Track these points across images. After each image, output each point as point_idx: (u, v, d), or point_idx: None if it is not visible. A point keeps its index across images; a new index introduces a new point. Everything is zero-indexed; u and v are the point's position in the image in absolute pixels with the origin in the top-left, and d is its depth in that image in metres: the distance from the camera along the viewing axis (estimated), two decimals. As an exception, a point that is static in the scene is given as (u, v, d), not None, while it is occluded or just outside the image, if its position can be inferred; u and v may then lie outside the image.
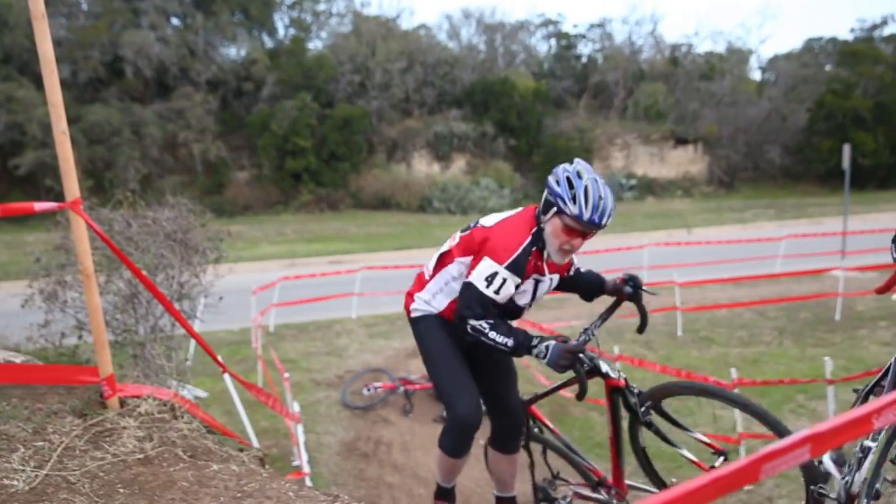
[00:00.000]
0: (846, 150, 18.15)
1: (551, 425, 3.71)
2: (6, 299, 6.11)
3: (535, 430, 3.67)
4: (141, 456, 2.78)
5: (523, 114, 38.03)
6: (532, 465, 3.73)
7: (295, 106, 34.54)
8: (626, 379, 3.08)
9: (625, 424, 3.20)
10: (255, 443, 4.96)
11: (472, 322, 2.83)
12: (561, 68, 43.63)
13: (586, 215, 2.74)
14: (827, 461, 2.77)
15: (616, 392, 3.07)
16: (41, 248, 6.13)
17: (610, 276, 3.38)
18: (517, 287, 2.90)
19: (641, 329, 3.24)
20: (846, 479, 2.66)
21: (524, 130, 38.20)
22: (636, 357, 8.58)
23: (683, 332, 11.90)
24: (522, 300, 3.02)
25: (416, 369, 9.41)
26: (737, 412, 6.80)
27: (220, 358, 4.19)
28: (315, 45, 41.46)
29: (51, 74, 2.80)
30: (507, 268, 2.80)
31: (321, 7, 42.20)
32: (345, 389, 9.22)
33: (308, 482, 6.12)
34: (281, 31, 41.60)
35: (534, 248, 2.90)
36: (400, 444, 7.85)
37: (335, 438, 8.12)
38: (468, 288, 2.85)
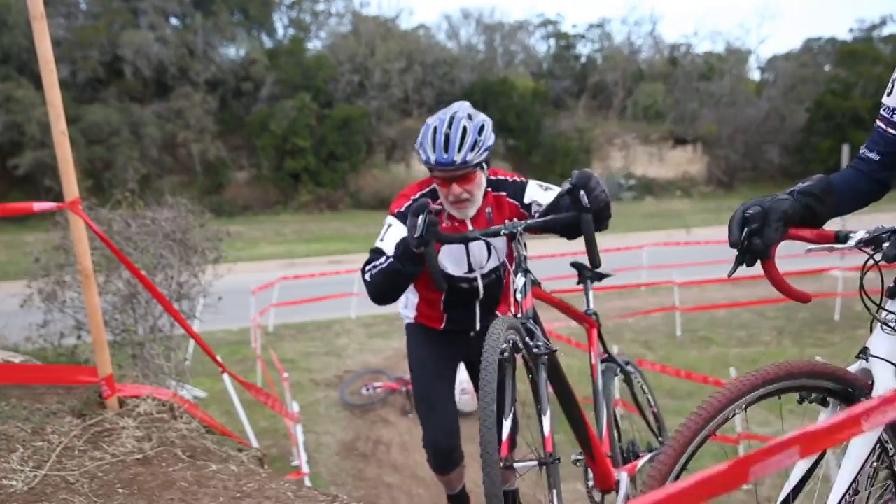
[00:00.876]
0: (845, 150, 18.22)
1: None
2: (5, 299, 6.10)
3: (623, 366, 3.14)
4: (140, 456, 2.78)
5: (522, 114, 38.01)
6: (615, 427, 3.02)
7: (294, 106, 34.53)
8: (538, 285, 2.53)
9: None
10: (254, 443, 4.96)
11: (366, 268, 2.67)
12: (560, 68, 43.62)
13: (432, 157, 2.53)
14: None
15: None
16: (40, 248, 6.12)
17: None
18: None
19: (591, 261, 2.50)
20: None
21: (523, 131, 38.18)
22: (635, 357, 8.58)
23: (682, 332, 11.91)
24: (457, 269, 2.78)
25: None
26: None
27: (219, 358, 4.19)
28: (314, 45, 41.50)
29: (50, 74, 2.80)
30: (396, 216, 2.72)
31: (320, 7, 42.18)
32: (343, 388, 9.23)
33: (307, 482, 6.12)
34: (280, 31, 41.61)
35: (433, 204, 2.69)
36: (399, 445, 7.85)
37: (334, 438, 8.12)
38: None
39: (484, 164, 2.63)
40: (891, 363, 1.59)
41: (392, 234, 2.67)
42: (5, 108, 30.14)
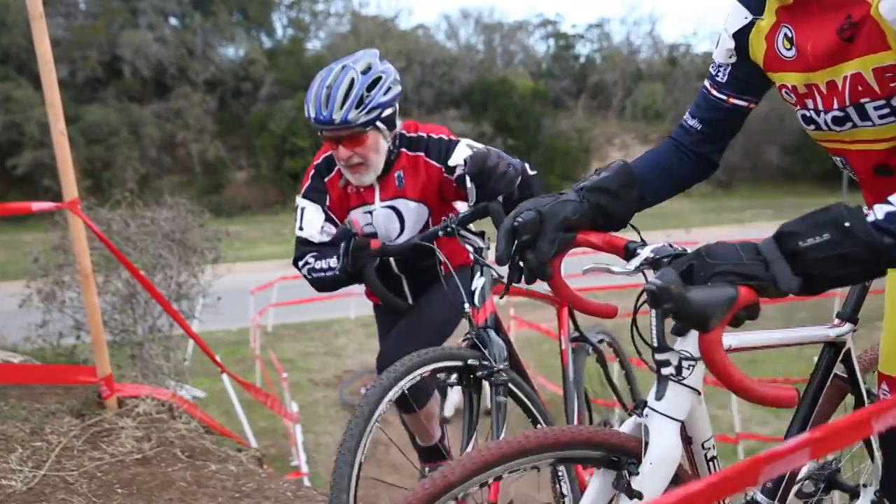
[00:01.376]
0: (844, 150, 18.21)
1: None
2: (4, 299, 6.10)
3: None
4: (139, 456, 2.78)
5: (522, 114, 38.04)
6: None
7: (293, 106, 34.52)
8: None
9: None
10: (254, 443, 4.97)
11: (299, 264, 2.50)
12: (559, 68, 43.70)
13: (311, 114, 2.29)
14: None
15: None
16: (39, 248, 6.12)
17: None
18: (334, 223, 2.51)
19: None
20: None
21: (523, 130, 38.21)
22: (634, 357, 8.59)
23: (682, 332, 11.91)
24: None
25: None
26: (735, 408, 6.81)
27: (218, 358, 4.19)
28: (313, 45, 41.58)
29: (49, 74, 2.79)
30: (303, 196, 2.56)
31: (319, 7, 42.24)
32: (342, 388, 9.23)
33: (306, 482, 6.12)
34: (279, 31, 41.68)
35: (332, 174, 2.54)
36: (399, 445, 7.86)
37: (333, 438, 8.12)
38: None
39: (380, 125, 2.34)
40: (672, 419, 1.22)
41: (308, 216, 2.51)
42: (4, 107, 30.16)
